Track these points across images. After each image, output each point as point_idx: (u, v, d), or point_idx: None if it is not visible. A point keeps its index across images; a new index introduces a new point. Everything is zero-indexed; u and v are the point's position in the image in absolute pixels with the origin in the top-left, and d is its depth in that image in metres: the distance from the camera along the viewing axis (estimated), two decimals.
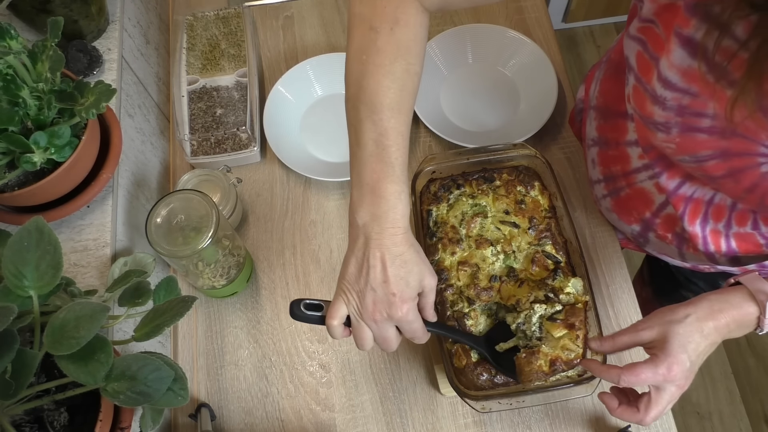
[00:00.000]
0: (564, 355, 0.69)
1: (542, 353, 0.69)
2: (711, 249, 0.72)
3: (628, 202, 0.79)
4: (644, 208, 0.76)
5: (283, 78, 1.00)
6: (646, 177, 0.73)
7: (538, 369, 0.69)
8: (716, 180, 0.61)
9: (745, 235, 0.69)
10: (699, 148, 0.58)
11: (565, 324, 0.70)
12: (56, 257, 0.53)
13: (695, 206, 0.69)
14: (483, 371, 0.73)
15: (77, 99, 0.63)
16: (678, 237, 0.75)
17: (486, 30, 1.04)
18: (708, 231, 0.70)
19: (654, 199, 0.74)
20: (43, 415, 0.55)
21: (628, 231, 0.84)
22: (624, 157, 0.75)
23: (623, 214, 0.81)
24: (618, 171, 0.77)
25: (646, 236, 0.81)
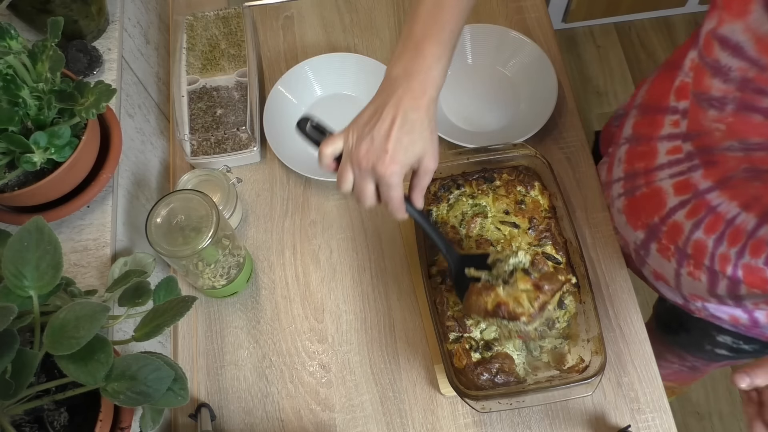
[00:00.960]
0: (513, 305, 0.67)
1: (495, 293, 0.68)
2: (716, 267, 0.69)
3: (641, 203, 0.77)
4: (654, 212, 0.74)
5: (283, 78, 1.00)
6: (667, 175, 0.71)
7: (483, 304, 0.68)
8: (760, 175, 0.57)
9: (755, 269, 0.66)
10: (751, 133, 0.55)
11: (535, 283, 0.68)
12: (56, 257, 0.53)
13: (715, 220, 0.66)
14: (483, 371, 0.73)
15: (77, 99, 0.63)
16: (680, 252, 0.73)
17: (486, 30, 1.04)
18: (719, 252, 0.68)
19: (666, 201, 0.72)
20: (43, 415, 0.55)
21: (632, 240, 0.83)
22: (652, 153, 0.73)
23: (632, 217, 0.80)
24: (641, 168, 0.76)
25: (648, 247, 0.79)
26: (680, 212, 0.70)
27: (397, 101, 0.62)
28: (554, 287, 0.68)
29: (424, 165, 0.65)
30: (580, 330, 0.75)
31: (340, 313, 0.88)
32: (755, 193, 0.60)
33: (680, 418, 1.63)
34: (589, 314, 0.74)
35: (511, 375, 0.73)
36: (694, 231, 0.69)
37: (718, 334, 0.88)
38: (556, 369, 0.74)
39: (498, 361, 0.74)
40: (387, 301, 0.88)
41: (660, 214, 0.74)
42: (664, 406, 0.81)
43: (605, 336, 0.81)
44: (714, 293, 0.73)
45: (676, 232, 0.72)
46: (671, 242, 0.74)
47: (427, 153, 0.64)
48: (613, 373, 0.83)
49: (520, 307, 0.67)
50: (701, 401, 1.67)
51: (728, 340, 0.88)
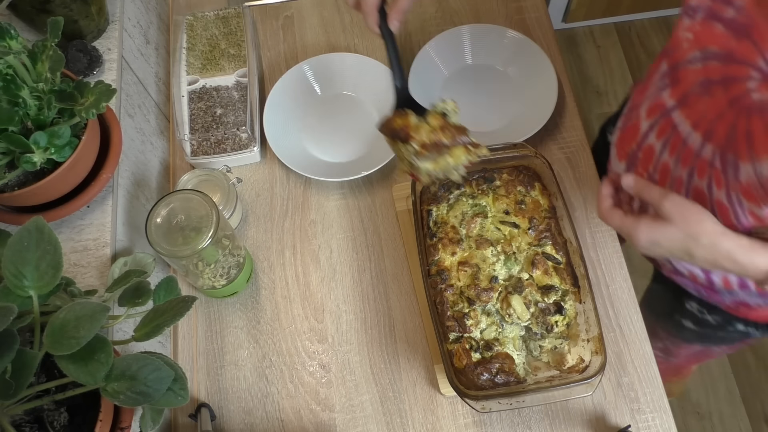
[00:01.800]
0: (412, 130, 0.69)
1: (407, 119, 0.71)
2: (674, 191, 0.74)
3: (627, 133, 0.81)
4: (633, 139, 0.79)
5: (282, 78, 1.00)
6: (646, 102, 0.75)
7: (392, 123, 0.71)
8: (710, 87, 0.62)
9: (701, 194, 0.70)
10: (711, 42, 0.60)
11: (443, 125, 0.71)
12: (56, 257, 0.53)
13: (675, 140, 0.70)
14: (483, 371, 0.73)
15: (77, 99, 0.63)
16: (651, 179, 0.76)
17: (486, 30, 1.04)
18: (675, 176, 0.72)
19: (641, 126, 0.76)
20: (43, 415, 0.55)
21: (618, 171, 0.85)
22: (647, 87, 0.77)
23: (619, 149, 0.84)
24: (637, 102, 0.80)
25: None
26: (651, 134, 0.73)
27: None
28: (457, 139, 0.71)
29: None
30: (580, 330, 0.75)
31: (340, 313, 0.88)
32: (703, 109, 0.64)
33: (680, 418, 1.63)
34: (589, 314, 0.74)
35: (511, 375, 0.73)
36: (662, 152, 0.73)
37: (686, 300, 0.91)
38: (556, 369, 0.74)
39: (498, 361, 0.74)
40: (387, 301, 0.88)
41: (636, 139, 0.77)
42: (664, 406, 0.81)
43: (605, 336, 0.81)
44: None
45: (649, 156, 0.75)
46: (645, 168, 0.77)
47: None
48: (613, 373, 0.83)
49: (417, 134, 0.70)
50: (701, 401, 1.67)
51: (694, 308, 0.91)
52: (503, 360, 0.74)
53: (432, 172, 0.71)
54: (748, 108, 0.58)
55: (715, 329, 0.91)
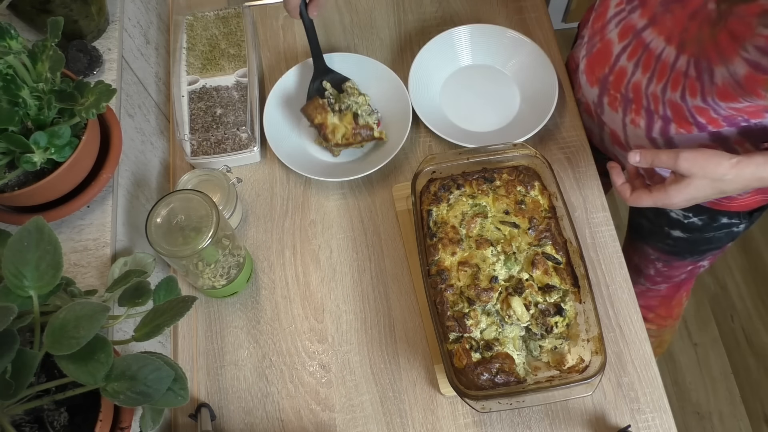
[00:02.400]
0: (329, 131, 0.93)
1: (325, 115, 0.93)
2: (651, 107, 0.79)
3: (595, 58, 0.87)
4: (605, 63, 0.84)
5: (282, 78, 1.00)
6: (614, 25, 0.80)
7: (312, 116, 0.93)
8: (669, 6, 0.69)
9: (678, 106, 0.75)
10: None
11: (354, 128, 0.93)
12: (56, 257, 0.53)
13: (648, 58, 0.75)
14: (483, 371, 0.73)
15: (77, 99, 0.63)
16: (624, 99, 0.83)
17: (486, 30, 1.04)
18: (650, 91, 0.77)
19: (613, 50, 0.81)
20: (43, 415, 0.55)
21: (591, 100, 0.92)
22: (605, 11, 0.83)
23: (590, 74, 0.89)
24: (598, 27, 0.86)
25: (602, 103, 0.89)
26: (623, 56, 0.79)
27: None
28: (363, 136, 0.94)
29: None
30: (580, 330, 0.75)
31: (340, 313, 0.88)
32: (671, 25, 0.70)
33: (680, 418, 1.63)
34: (589, 314, 0.74)
35: (511, 375, 0.73)
36: (634, 72, 0.78)
37: (671, 210, 0.97)
38: (556, 369, 0.74)
39: (498, 361, 0.74)
40: (387, 301, 0.88)
41: (609, 63, 0.83)
42: (664, 406, 0.81)
43: (605, 336, 0.81)
44: (651, 138, 0.83)
45: (621, 78, 0.81)
46: (617, 90, 0.83)
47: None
48: (613, 373, 0.83)
49: (332, 136, 0.93)
50: (701, 401, 1.67)
51: (679, 214, 0.97)
52: (503, 360, 0.74)
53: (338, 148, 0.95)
54: (708, 19, 0.64)
55: (702, 231, 0.97)
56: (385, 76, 1.00)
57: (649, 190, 0.71)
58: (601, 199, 0.93)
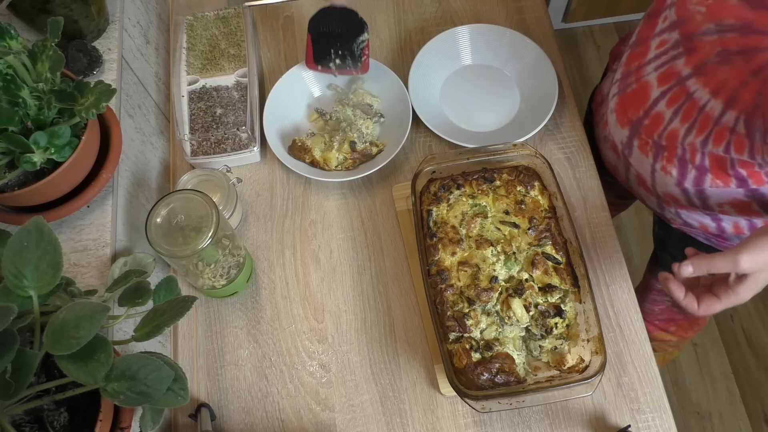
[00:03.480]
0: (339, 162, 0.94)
1: (333, 158, 0.94)
2: (687, 157, 0.76)
3: (630, 99, 0.82)
4: (639, 106, 0.80)
5: (283, 78, 1.00)
6: (653, 68, 0.76)
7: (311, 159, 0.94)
8: (729, 58, 0.63)
9: (718, 158, 0.72)
10: (726, 15, 0.62)
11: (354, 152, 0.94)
12: (56, 257, 0.53)
13: (690, 107, 0.71)
14: (483, 371, 0.73)
15: (77, 99, 0.63)
16: (656, 145, 0.79)
17: (486, 30, 1.04)
18: (687, 142, 0.74)
19: (650, 94, 0.77)
20: (43, 415, 0.55)
21: (619, 140, 0.87)
22: (645, 51, 0.78)
23: (621, 114, 0.85)
24: (634, 66, 0.81)
25: (631, 145, 0.84)
26: (662, 102, 0.75)
27: None
28: (363, 161, 0.95)
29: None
30: (580, 330, 0.75)
31: (340, 313, 0.88)
32: (724, 77, 0.66)
33: (680, 418, 1.63)
34: (589, 314, 0.74)
35: (511, 375, 0.73)
36: (672, 119, 0.74)
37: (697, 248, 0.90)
38: (556, 369, 0.74)
39: (498, 361, 0.74)
40: (387, 301, 0.88)
41: (644, 107, 0.79)
42: (664, 406, 0.81)
43: (605, 336, 0.81)
44: (682, 186, 0.79)
45: (656, 123, 0.77)
46: (650, 135, 0.80)
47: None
48: (613, 373, 0.83)
49: (327, 166, 0.94)
50: (701, 401, 1.67)
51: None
52: (503, 360, 0.74)
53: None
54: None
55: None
56: (385, 76, 1.00)
57: (717, 297, 0.65)
58: (601, 199, 0.93)
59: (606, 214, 0.92)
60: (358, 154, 0.93)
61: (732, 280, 0.64)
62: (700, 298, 0.66)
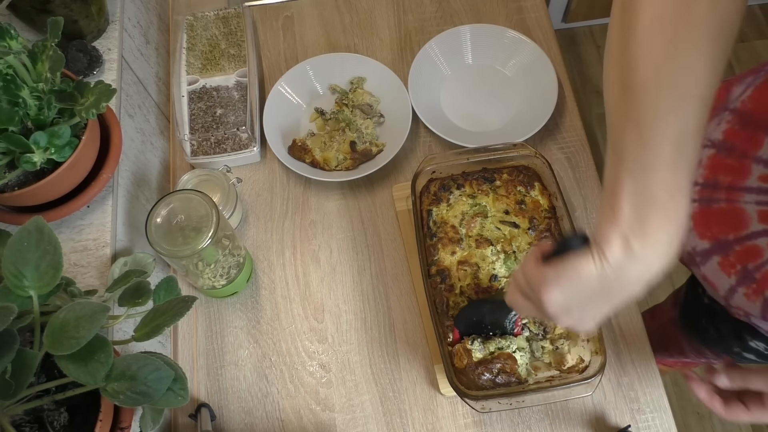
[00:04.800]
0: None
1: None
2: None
3: (717, 216, 0.71)
4: (730, 230, 0.70)
5: (283, 78, 1.00)
6: (753, 200, 0.66)
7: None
8: None
9: None
10: None
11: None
12: (56, 257, 0.53)
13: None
14: (484, 371, 0.73)
15: (77, 99, 0.63)
16: (745, 273, 0.70)
17: (486, 30, 1.04)
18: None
19: (749, 225, 0.67)
20: (43, 415, 0.55)
21: (692, 244, 0.75)
22: (743, 171, 0.67)
23: (702, 227, 0.73)
24: (725, 182, 0.70)
25: (709, 257, 0.74)
26: (763, 239, 0.66)
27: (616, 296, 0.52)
28: (364, 161, 0.93)
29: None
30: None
31: (340, 313, 0.88)
32: None
33: (680, 418, 1.63)
34: None
35: (512, 375, 0.73)
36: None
37: (752, 338, 0.84)
38: (556, 369, 0.74)
39: (500, 361, 0.74)
40: (387, 301, 0.88)
41: (738, 234, 0.69)
42: (664, 406, 0.81)
43: (605, 336, 0.81)
44: (765, 317, 0.71)
45: (751, 255, 0.69)
46: (740, 262, 0.70)
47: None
48: (613, 373, 0.83)
49: (328, 166, 0.92)
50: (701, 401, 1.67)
51: (761, 346, 0.84)
52: (505, 360, 0.74)
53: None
54: None
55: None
56: (385, 76, 1.00)
57: (746, 407, 0.59)
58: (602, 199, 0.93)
59: None
60: (358, 154, 0.93)
61: (766, 398, 0.58)
62: (727, 403, 0.60)
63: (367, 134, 0.95)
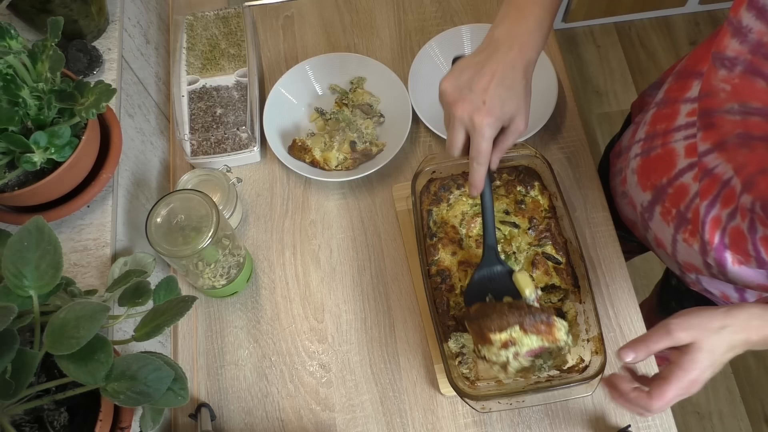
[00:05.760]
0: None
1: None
2: (706, 237, 0.72)
3: (654, 163, 0.78)
4: (663, 173, 0.76)
5: (283, 78, 1.00)
6: (682, 137, 0.73)
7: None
8: (750, 142, 0.60)
9: (741, 235, 0.68)
10: (752, 98, 0.58)
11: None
12: (56, 257, 0.53)
13: (711, 182, 0.68)
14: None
15: (77, 99, 0.63)
16: (680, 216, 0.75)
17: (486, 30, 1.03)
18: (710, 217, 0.70)
19: (677, 163, 0.73)
20: (43, 415, 0.55)
21: (639, 202, 0.83)
22: (674, 115, 0.75)
23: (643, 177, 0.81)
24: (661, 129, 0.77)
25: (652, 210, 0.80)
26: (688, 174, 0.72)
27: (498, 60, 0.65)
28: (364, 161, 0.92)
29: (515, 124, 0.67)
30: (580, 330, 0.75)
31: (340, 313, 0.88)
32: (743, 161, 0.63)
33: (680, 418, 1.63)
34: (589, 314, 0.74)
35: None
36: (697, 195, 0.71)
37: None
38: (556, 369, 0.74)
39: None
40: (387, 301, 0.88)
41: (669, 175, 0.75)
42: None
43: (605, 336, 0.80)
44: (705, 260, 0.75)
45: (680, 195, 0.74)
46: (674, 205, 0.76)
47: (520, 113, 0.66)
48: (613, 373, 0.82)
49: (327, 166, 0.92)
50: (701, 401, 1.67)
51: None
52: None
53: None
54: None
55: None
56: (385, 76, 1.00)
57: (665, 379, 0.60)
58: (601, 199, 0.93)
59: (606, 214, 0.92)
60: (358, 154, 0.93)
61: (673, 357, 0.60)
62: (650, 387, 0.61)
63: (367, 134, 0.95)
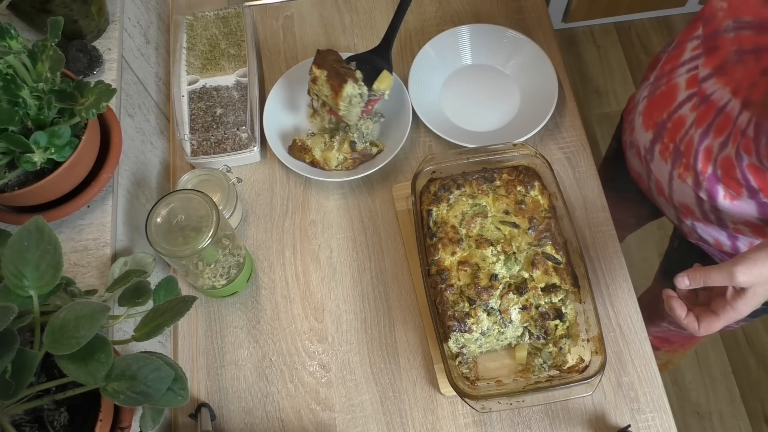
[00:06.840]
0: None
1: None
2: (699, 167, 0.74)
3: (657, 100, 0.80)
4: (664, 108, 0.78)
5: (282, 78, 1.00)
6: (685, 71, 0.74)
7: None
8: (743, 57, 0.62)
9: (730, 164, 0.69)
10: (745, 11, 0.60)
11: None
12: (56, 257, 0.53)
13: (707, 109, 0.69)
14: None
15: (77, 99, 0.63)
16: (676, 151, 0.77)
17: (486, 30, 1.04)
18: (703, 146, 0.72)
19: (677, 96, 0.75)
20: (43, 415, 0.55)
21: (643, 144, 0.85)
22: (680, 53, 0.77)
23: (647, 117, 0.83)
24: (668, 69, 0.79)
25: (653, 152, 0.83)
26: (687, 105, 0.73)
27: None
28: (364, 161, 0.95)
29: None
30: (580, 330, 0.75)
31: (340, 313, 0.88)
32: (740, 78, 0.64)
33: (680, 418, 1.63)
34: (589, 314, 0.74)
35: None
36: (693, 125, 0.72)
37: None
38: (556, 369, 0.74)
39: None
40: (387, 301, 0.88)
41: (669, 109, 0.77)
42: (664, 406, 0.81)
43: (605, 336, 0.81)
44: (697, 195, 0.77)
45: (678, 127, 0.75)
46: (671, 140, 0.77)
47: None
48: (613, 373, 0.83)
49: (327, 166, 0.94)
50: (701, 401, 1.67)
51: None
52: None
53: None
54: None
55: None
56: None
57: (716, 314, 0.63)
58: (601, 199, 0.93)
59: (606, 214, 0.92)
60: (358, 154, 0.93)
61: (729, 295, 0.62)
62: (699, 317, 0.64)
63: (367, 134, 0.95)
